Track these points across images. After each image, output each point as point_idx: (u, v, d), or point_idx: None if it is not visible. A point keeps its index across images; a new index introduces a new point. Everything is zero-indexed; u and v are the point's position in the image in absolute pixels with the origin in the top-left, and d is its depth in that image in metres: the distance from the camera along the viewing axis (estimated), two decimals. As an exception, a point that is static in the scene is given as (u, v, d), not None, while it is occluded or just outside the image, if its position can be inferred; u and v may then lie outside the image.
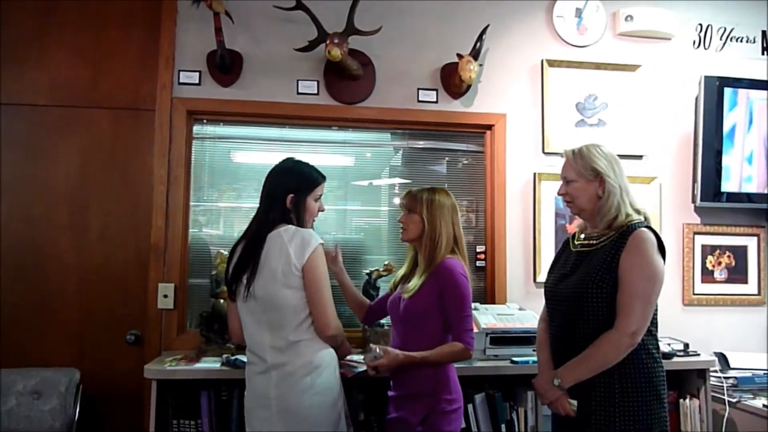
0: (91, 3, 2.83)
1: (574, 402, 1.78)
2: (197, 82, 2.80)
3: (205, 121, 2.87)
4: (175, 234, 2.73)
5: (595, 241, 1.90)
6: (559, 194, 2.01)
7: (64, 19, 2.82)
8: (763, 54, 3.29)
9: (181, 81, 2.79)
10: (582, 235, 1.99)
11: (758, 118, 3.09)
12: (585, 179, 1.91)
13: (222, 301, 2.52)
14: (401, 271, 2.20)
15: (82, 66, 2.82)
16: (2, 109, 2.75)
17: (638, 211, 1.89)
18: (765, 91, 3.10)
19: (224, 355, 2.39)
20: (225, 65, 2.77)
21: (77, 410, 2.47)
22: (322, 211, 2.11)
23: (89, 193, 2.78)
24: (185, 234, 2.78)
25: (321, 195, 2.08)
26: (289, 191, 1.99)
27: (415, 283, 2.02)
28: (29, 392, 2.44)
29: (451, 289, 1.98)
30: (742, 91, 3.06)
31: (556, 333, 1.91)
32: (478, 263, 2.98)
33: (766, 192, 3.09)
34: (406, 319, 2.02)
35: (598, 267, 1.81)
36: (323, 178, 2.08)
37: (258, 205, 2.04)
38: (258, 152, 2.95)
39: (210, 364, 2.38)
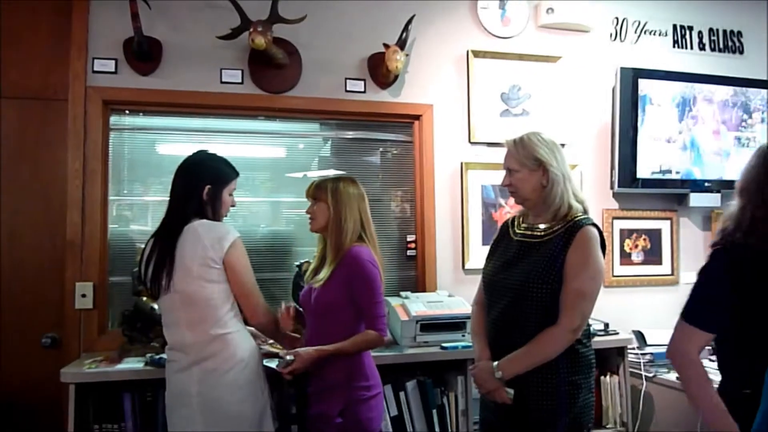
0: (-5, -15, 2.65)
1: (511, 391, 1.81)
2: (113, 70, 2.67)
3: (127, 111, 2.75)
4: (93, 230, 2.60)
5: (540, 233, 1.90)
6: (503, 185, 1.98)
7: (-36, 3, 2.63)
8: (674, 47, 3.47)
9: (95, 69, 2.65)
10: (524, 224, 1.98)
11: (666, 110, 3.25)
12: (528, 169, 1.89)
13: (144, 299, 2.43)
14: (313, 264, 2.18)
15: (-14, 53, 2.64)
16: None
17: (579, 200, 1.90)
18: (675, 83, 3.26)
19: (148, 355, 2.31)
20: (143, 53, 2.65)
21: (-12, 420, 2.33)
22: (233, 206, 2.09)
23: (-3, 189, 2.61)
24: (104, 230, 2.65)
25: (234, 189, 2.06)
26: (206, 183, 1.95)
27: (324, 273, 2.02)
28: (-67, 404, 2.28)
29: (360, 278, 1.97)
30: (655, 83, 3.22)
31: (495, 321, 1.91)
32: (408, 252, 3.01)
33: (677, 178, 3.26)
34: (317, 310, 2.02)
35: (543, 261, 1.82)
36: (237, 173, 2.07)
37: (169, 198, 1.97)
38: (181, 143, 2.84)
39: (133, 364, 2.29)
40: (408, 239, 3.02)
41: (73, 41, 2.64)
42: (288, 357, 1.94)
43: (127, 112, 2.75)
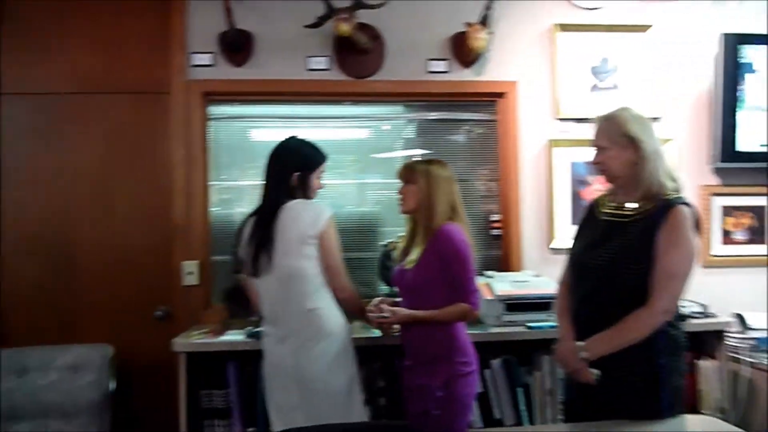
0: (104, -10, 2.89)
1: (596, 371, 1.78)
2: (210, 63, 2.85)
3: (220, 103, 2.92)
4: (197, 213, 2.82)
5: (629, 212, 1.85)
6: (592, 163, 1.94)
7: (79, 6, 2.88)
8: (783, 8, 3.19)
9: (194, 63, 2.84)
10: (612, 203, 1.92)
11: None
12: (618, 146, 1.84)
13: (244, 276, 2.60)
14: (401, 244, 2.23)
15: (100, 53, 2.88)
16: (26, 99, 2.86)
17: (672, 178, 1.83)
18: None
19: (247, 328, 2.49)
20: (236, 45, 2.81)
21: (112, 384, 2.60)
22: (321, 188, 2.19)
23: (112, 177, 2.88)
24: (206, 213, 2.87)
25: (322, 173, 2.17)
26: (295, 170, 2.06)
27: (416, 253, 2.06)
28: (68, 367, 2.57)
29: (452, 253, 2.01)
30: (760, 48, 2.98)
31: (581, 301, 1.89)
32: (493, 232, 3.01)
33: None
34: (412, 289, 2.08)
35: (633, 241, 1.78)
36: (324, 158, 2.17)
37: (264, 183, 2.11)
38: (272, 129, 2.99)
39: (235, 336, 2.48)
40: (492, 218, 3.02)
41: (173, 38, 2.85)
42: (385, 313, 2.07)
43: (217, 103, 2.92)
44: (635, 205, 1.84)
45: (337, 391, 2.00)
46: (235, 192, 2.99)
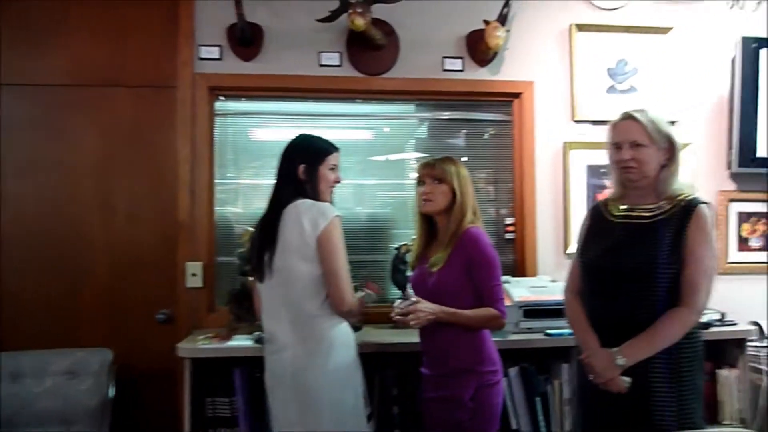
0: (110, -19, 2.78)
1: (628, 379, 1.73)
2: (218, 57, 2.75)
3: (223, 98, 2.82)
4: (201, 212, 2.71)
5: (647, 213, 1.83)
6: (622, 158, 1.84)
7: (84, -2, 2.77)
8: (801, 12, 3.15)
9: (201, 56, 2.74)
10: (622, 206, 1.89)
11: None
12: (657, 146, 1.82)
13: (251, 278, 2.50)
14: (415, 248, 2.12)
15: (103, 45, 2.77)
16: (25, 91, 2.73)
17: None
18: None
19: (255, 333, 2.38)
20: (245, 39, 2.71)
21: (112, 390, 2.48)
22: (339, 182, 2.05)
23: (114, 173, 2.76)
24: (211, 212, 2.76)
25: (335, 165, 2.03)
26: (300, 163, 1.96)
27: (441, 255, 1.97)
28: (64, 372, 2.46)
29: (480, 259, 1.93)
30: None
31: (602, 308, 1.84)
32: (507, 236, 2.94)
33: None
34: (436, 294, 1.96)
35: (664, 242, 1.76)
36: (335, 148, 2.04)
37: (274, 183, 2.01)
38: (281, 128, 2.89)
39: (242, 341, 2.37)
40: (506, 222, 2.94)
41: (181, 30, 2.74)
42: (413, 299, 1.92)
43: (222, 98, 2.81)
44: (652, 206, 1.83)
45: (339, 405, 1.86)
46: (240, 191, 2.88)
